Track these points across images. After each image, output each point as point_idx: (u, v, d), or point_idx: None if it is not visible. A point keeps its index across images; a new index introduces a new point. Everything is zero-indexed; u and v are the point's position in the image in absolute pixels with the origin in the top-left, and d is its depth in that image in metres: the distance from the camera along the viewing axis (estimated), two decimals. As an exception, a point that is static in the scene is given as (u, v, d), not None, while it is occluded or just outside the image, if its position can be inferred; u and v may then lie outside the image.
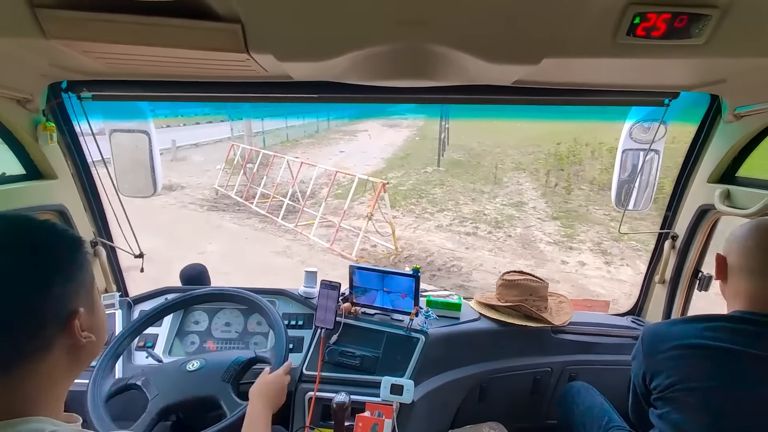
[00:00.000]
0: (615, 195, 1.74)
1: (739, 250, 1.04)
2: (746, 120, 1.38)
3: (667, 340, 1.03)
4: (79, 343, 0.64)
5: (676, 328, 1.06)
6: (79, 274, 0.65)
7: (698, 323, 1.03)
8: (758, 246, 1.01)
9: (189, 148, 18.03)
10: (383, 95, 1.43)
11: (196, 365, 1.35)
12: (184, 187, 11.78)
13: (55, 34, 0.91)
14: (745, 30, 0.89)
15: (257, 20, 0.90)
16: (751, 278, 1.00)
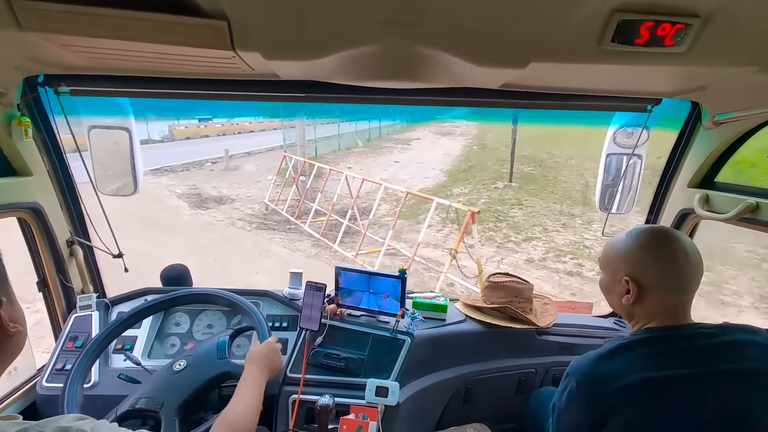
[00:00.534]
0: (599, 198, 1.77)
1: (654, 268, 0.99)
2: (725, 127, 1.41)
3: (608, 381, 0.94)
4: (8, 334, 0.64)
5: (610, 365, 0.96)
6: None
7: (629, 352, 0.97)
8: (670, 259, 0.98)
9: (242, 157, 18.07)
10: (371, 96, 1.42)
11: (183, 364, 1.32)
12: (234, 200, 11.34)
13: (31, 27, 0.88)
14: (725, 39, 0.91)
15: (244, 17, 0.88)
16: (671, 293, 0.98)
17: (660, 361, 0.93)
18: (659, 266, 0.99)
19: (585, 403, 0.97)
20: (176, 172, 15.15)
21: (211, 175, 14.79)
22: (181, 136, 24.66)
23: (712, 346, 0.95)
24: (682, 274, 0.98)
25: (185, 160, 16.65)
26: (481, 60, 1.02)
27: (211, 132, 26.57)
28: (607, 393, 0.93)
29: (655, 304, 1.00)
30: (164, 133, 24.46)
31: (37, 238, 1.54)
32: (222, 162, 16.28)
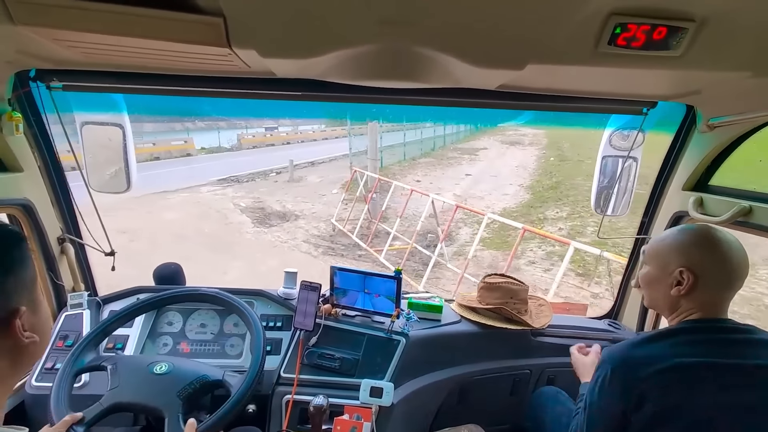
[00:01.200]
0: (594, 200, 1.78)
1: (710, 261, 1.02)
2: (719, 131, 1.42)
3: (644, 366, 0.98)
4: (21, 344, 0.61)
5: (645, 350, 1.01)
6: (20, 270, 0.62)
7: (664, 340, 1.02)
8: (724, 254, 1.01)
9: (305, 167, 17.49)
10: (367, 95, 1.42)
11: (164, 368, 1.28)
12: (299, 217, 10.49)
13: (23, 20, 0.86)
14: (720, 44, 0.92)
15: (240, 14, 0.88)
16: (719, 287, 1.02)
17: (697, 349, 0.97)
18: (715, 261, 1.02)
19: (621, 387, 0.99)
20: (241, 182, 14.70)
21: (275, 186, 14.08)
22: (248, 144, 24.60)
23: (747, 341, 0.99)
24: (733, 272, 1.01)
25: (251, 169, 16.26)
26: (479, 61, 1.02)
27: (276, 141, 26.53)
28: (642, 376, 0.96)
29: (703, 297, 1.03)
30: (233, 142, 24.45)
31: (28, 235, 1.52)
32: (286, 172, 15.80)
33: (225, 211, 10.81)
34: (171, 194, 12.26)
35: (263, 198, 12.32)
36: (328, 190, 13.18)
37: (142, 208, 10.27)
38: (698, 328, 1.02)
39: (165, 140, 21.27)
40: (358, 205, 9.76)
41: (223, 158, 20.42)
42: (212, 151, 22.84)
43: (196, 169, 16.62)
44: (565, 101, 1.44)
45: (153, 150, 19.63)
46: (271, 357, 1.53)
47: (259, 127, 28.00)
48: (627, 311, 1.91)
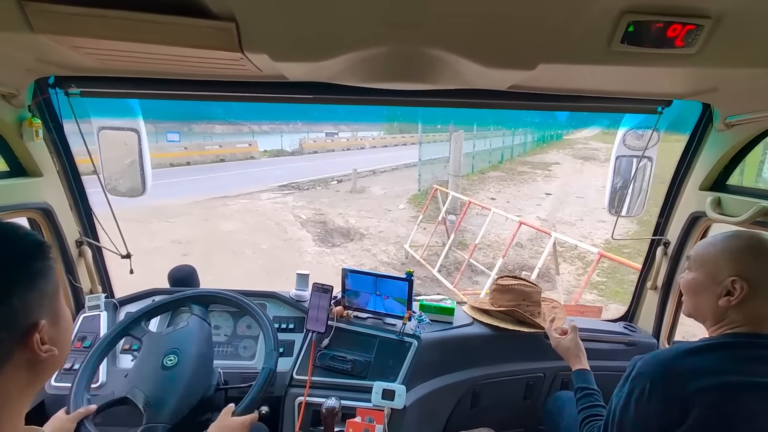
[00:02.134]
0: (608, 201, 1.75)
1: (764, 273, 0.96)
2: (737, 129, 1.39)
3: (692, 378, 0.91)
4: (39, 358, 0.59)
5: (689, 363, 0.94)
6: (41, 283, 0.60)
7: (709, 353, 0.95)
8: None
9: (367, 176, 16.31)
10: (378, 97, 1.42)
11: (173, 361, 1.29)
12: (363, 236, 9.19)
13: (43, 29, 0.89)
14: (737, 40, 0.90)
15: (252, 19, 0.89)
16: (755, 300, 0.96)
17: (747, 366, 0.92)
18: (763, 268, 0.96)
19: (662, 401, 0.93)
20: (302, 190, 13.94)
21: (337, 197, 13.04)
22: (309, 149, 24.45)
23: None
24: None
25: (312, 176, 15.56)
26: (489, 62, 1.02)
27: (336, 146, 26.22)
28: (689, 390, 0.91)
29: (754, 308, 0.97)
30: (295, 146, 24.57)
31: (47, 239, 1.56)
32: (347, 181, 14.87)
33: (284, 223, 9.86)
34: (231, 200, 11.78)
35: (324, 210, 11.27)
36: (394, 204, 11.94)
37: (200, 214, 10.10)
38: (747, 343, 0.95)
39: (231, 143, 21.61)
40: (428, 224, 8.53)
41: (285, 162, 20.16)
42: (274, 154, 22.84)
43: (258, 172, 16.53)
44: (577, 101, 1.42)
45: (219, 152, 20.11)
46: (284, 359, 1.54)
47: (320, 132, 27.77)
48: (643, 314, 1.88)
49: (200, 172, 16.55)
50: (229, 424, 1.17)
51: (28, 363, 0.59)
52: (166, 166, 17.24)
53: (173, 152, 18.46)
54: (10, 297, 0.56)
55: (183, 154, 18.72)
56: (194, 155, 19.05)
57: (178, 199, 11.06)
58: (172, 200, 10.75)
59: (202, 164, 18.65)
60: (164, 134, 20.83)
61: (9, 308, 0.56)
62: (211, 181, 13.95)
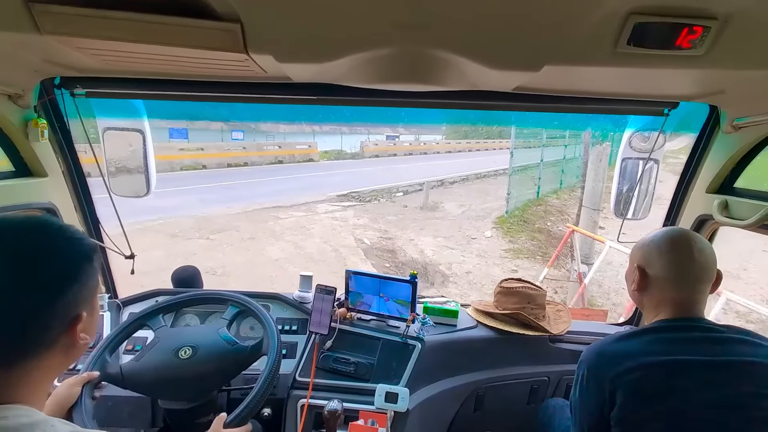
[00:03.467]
0: (614, 204, 1.74)
1: (660, 262, 1.06)
2: (744, 131, 1.38)
3: (619, 361, 0.99)
4: (76, 344, 0.68)
5: (619, 347, 1.02)
6: (90, 281, 0.69)
7: (638, 338, 1.03)
8: (678, 257, 1.04)
9: (434, 188, 14.09)
10: (383, 99, 1.42)
11: (189, 352, 1.28)
12: (447, 278, 6.82)
13: (49, 30, 0.89)
14: (744, 42, 0.90)
15: (257, 20, 0.89)
16: (673, 287, 1.04)
17: (670, 347, 0.98)
18: (663, 258, 1.06)
19: (595, 384, 1.01)
20: (364, 201, 12.18)
21: (405, 214, 10.83)
22: (370, 153, 23.31)
23: (720, 339, 0.99)
24: (687, 270, 1.04)
25: (374, 184, 13.88)
26: (494, 63, 1.01)
27: (398, 151, 24.95)
28: (614, 373, 0.97)
29: (660, 295, 1.06)
30: (355, 149, 23.67)
31: None
32: (414, 193, 13.10)
33: (344, 250, 7.84)
34: (284, 211, 10.34)
35: (392, 233, 9.14)
36: (477, 229, 9.51)
37: (247, 230, 8.66)
38: (669, 327, 1.02)
39: (290, 143, 21.18)
40: (554, 271, 6.49)
41: (345, 166, 19.22)
42: (334, 157, 22.04)
43: (316, 178, 15.42)
44: (583, 103, 1.42)
45: (278, 153, 19.64)
46: (287, 361, 1.53)
47: (380, 134, 26.95)
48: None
49: (257, 174, 15.81)
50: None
51: (66, 347, 0.67)
52: (224, 167, 17.07)
53: (232, 152, 18.17)
54: (67, 292, 0.64)
55: (241, 154, 18.28)
56: (252, 156, 18.55)
57: (228, 207, 10.34)
58: (221, 208, 10.14)
59: (261, 165, 18.23)
60: (230, 133, 21.08)
61: (65, 302, 0.64)
62: (266, 185, 13.32)
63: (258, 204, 10.71)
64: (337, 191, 12.88)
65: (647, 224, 1.61)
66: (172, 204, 9.88)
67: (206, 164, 16.72)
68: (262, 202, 10.86)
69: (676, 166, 2.00)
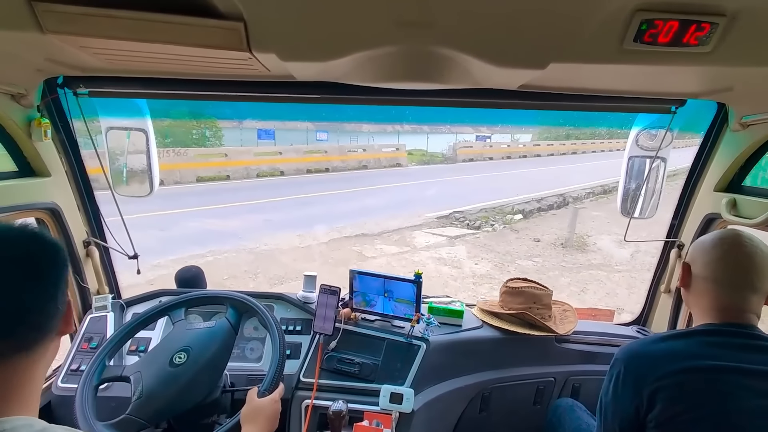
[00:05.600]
0: (621, 202, 1.73)
1: (704, 260, 1.03)
2: (753, 129, 1.37)
3: (661, 363, 0.95)
4: (68, 330, 0.73)
5: (660, 348, 0.99)
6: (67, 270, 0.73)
7: (681, 340, 0.99)
8: (722, 257, 1.01)
9: (559, 208, 10.84)
10: (387, 97, 1.42)
11: (183, 357, 1.27)
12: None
13: (52, 29, 0.89)
14: (753, 39, 0.89)
15: (260, 19, 0.88)
16: (717, 289, 1.01)
17: (715, 351, 0.94)
18: (707, 257, 1.02)
19: (633, 385, 0.97)
20: (473, 227, 9.00)
21: (543, 253, 7.63)
22: (464, 156, 20.25)
23: (765, 347, 0.95)
24: (732, 273, 0.99)
25: (479, 200, 10.69)
26: (499, 61, 1.00)
27: (495, 153, 21.66)
28: (658, 374, 0.94)
29: (705, 295, 1.02)
30: (444, 151, 20.89)
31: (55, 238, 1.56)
32: (537, 214, 9.97)
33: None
34: (370, 243, 7.73)
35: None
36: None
37: (321, 273, 4.69)
38: (715, 330, 0.99)
39: (376, 146, 18.76)
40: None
41: (437, 173, 16.45)
42: (422, 160, 19.46)
43: (407, 189, 13.06)
44: (589, 100, 1.41)
45: (363, 157, 17.28)
46: (291, 361, 1.53)
47: (468, 133, 23.88)
48: (656, 317, 1.84)
49: (337, 183, 13.47)
50: (259, 404, 1.18)
51: (60, 333, 0.71)
52: (303, 173, 15.24)
53: (312, 157, 16.02)
54: (64, 282, 0.69)
55: (321, 159, 16.12)
56: (334, 160, 16.32)
57: (298, 234, 7.92)
58: (289, 236, 7.81)
59: (343, 171, 16.00)
60: (315, 133, 19.73)
61: (63, 291, 0.69)
62: (348, 200, 10.88)
63: (337, 230, 8.30)
64: (434, 210, 9.96)
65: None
66: (231, 228, 8.11)
67: (284, 170, 15.10)
68: (341, 227, 8.46)
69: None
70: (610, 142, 24.97)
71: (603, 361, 1.72)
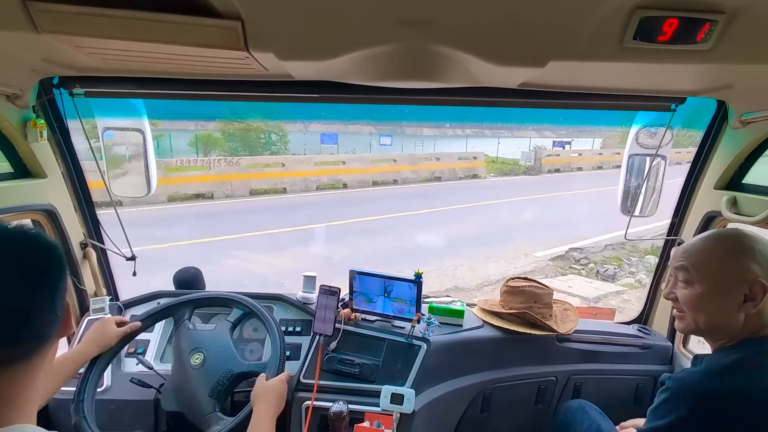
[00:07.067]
0: (621, 201, 1.73)
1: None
2: (753, 126, 1.37)
3: (744, 403, 0.85)
4: (67, 333, 0.71)
5: (730, 384, 0.87)
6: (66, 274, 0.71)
7: (745, 372, 0.89)
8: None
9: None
10: (386, 96, 1.41)
11: (200, 358, 1.36)
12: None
13: (47, 28, 0.88)
14: (752, 36, 0.89)
15: (258, 17, 0.88)
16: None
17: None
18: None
19: (701, 427, 0.87)
20: (605, 276, 6.52)
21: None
22: (548, 166, 16.99)
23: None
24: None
25: (596, 231, 7.77)
26: (499, 59, 1.00)
27: (584, 163, 17.99)
28: (733, 415, 0.85)
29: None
30: (521, 159, 17.84)
31: None
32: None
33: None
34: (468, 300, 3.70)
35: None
36: None
37: None
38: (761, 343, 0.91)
39: (449, 154, 15.74)
40: None
41: (523, 187, 13.59)
42: (502, 170, 16.41)
43: (493, 211, 10.14)
44: (589, 99, 1.40)
45: (437, 167, 14.63)
46: (291, 362, 1.52)
47: (544, 137, 20.34)
48: (657, 316, 1.84)
49: (410, 198, 11.20)
50: (269, 383, 1.27)
51: (58, 337, 0.70)
52: (368, 185, 13.03)
53: (380, 167, 13.84)
54: (63, 286, 0.68)
55: (391, 170, 13.84)
56: (405, 170, 13.98)
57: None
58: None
59: (413, 183, 13.63)
60: (378, 137, 17.21)
61: (62, 295, 0.68)
62: (426, 229, 8.26)
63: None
64: (542, 244, 7.31)
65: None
66: (275, 267, 6.16)
67: (347, 182, 12.90)
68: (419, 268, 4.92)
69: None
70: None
71: (604, 360, 1.72)
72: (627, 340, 1.75)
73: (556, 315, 1.70)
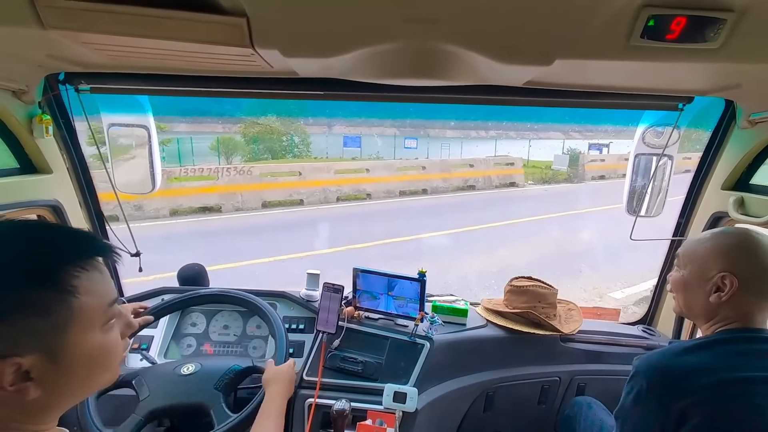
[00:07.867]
0: (626, 201, 1.71)
1: (753, 268, 0.96)
2: (761, 126, 1.36)
3: (692, 378, 0.90)
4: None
5: (689, 361, 0.94)
6: (29, 318, 0.52)
7: (709, 350, 0.95)
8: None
9: None
10: (391, 94, 1.41)
11: (191, 369, 1.31)
12: None
13: (53, 24, 0.88)
14: (761, 35, 0.88)
15: (263, 14, 0.88)
16: (757, 297, 0.97)
17: (743, 362, 0.92)
18: (760, 267, 0.96)
19: (659, 402, 0.93)
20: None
21: None
22: (592, 172, 15.37)
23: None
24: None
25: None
26: (505, 57, 1.00)
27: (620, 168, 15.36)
28: (685, 391, 0.90)
29: (743, 304, 0.97)
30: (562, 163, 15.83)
31: None
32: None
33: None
34: None
35: None
36: None
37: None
38: (742, 338, 0.96)
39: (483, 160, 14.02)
40: None
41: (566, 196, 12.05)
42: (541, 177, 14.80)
43: (541, 230, 8.34)
44: (596, 97, 1.39)
45: (471, 174, 13.17)
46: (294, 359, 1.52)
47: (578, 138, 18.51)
48: (662, 317, 1.83)
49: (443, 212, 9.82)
50: (279, 368, 1.32)
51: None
52: (394, 195, 11.81)
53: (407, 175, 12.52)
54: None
55: (420, 178, 12.48)
56: (435, 179, 12.66)
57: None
58: None
59: (444, 192, 12.31)
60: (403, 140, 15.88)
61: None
62: (464, 257, 6.78)
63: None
64: (616, 280, 5.93)
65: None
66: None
67: (371, 192, 11.66)
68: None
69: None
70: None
71: (608, 361, 1.71)
72: (631, 340, 1.74)
73: (560, 315, 1.69)
